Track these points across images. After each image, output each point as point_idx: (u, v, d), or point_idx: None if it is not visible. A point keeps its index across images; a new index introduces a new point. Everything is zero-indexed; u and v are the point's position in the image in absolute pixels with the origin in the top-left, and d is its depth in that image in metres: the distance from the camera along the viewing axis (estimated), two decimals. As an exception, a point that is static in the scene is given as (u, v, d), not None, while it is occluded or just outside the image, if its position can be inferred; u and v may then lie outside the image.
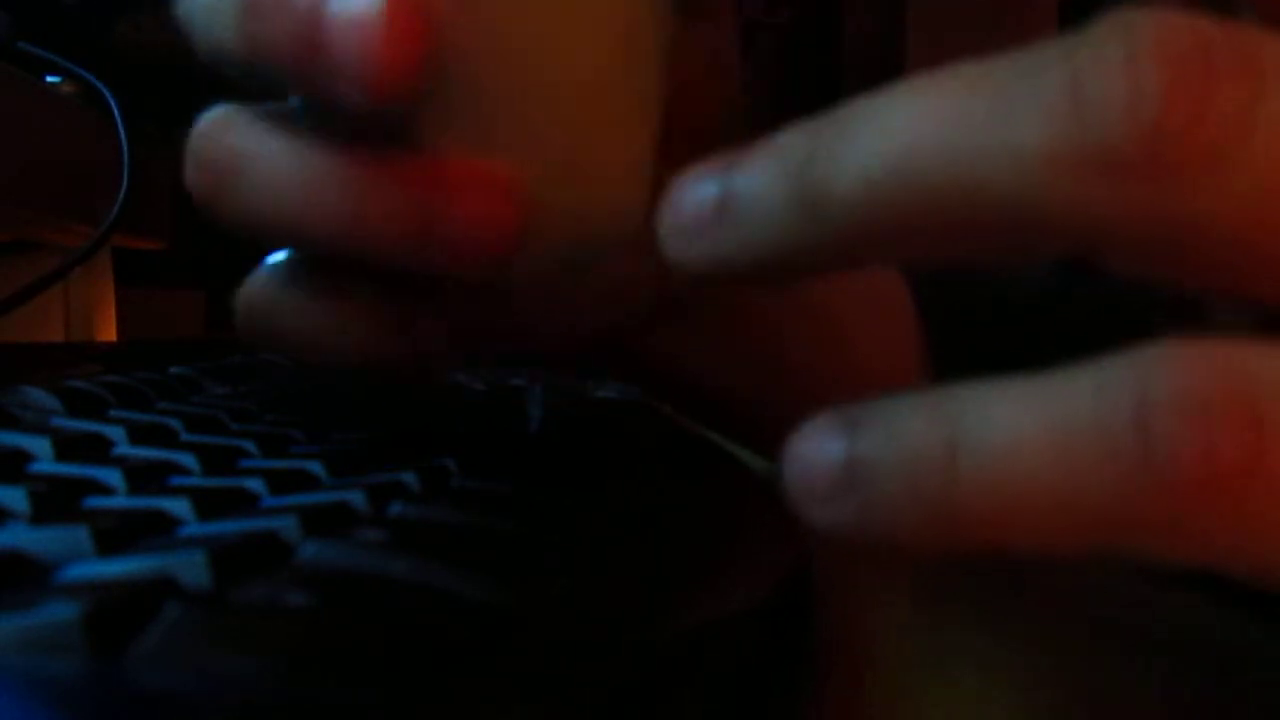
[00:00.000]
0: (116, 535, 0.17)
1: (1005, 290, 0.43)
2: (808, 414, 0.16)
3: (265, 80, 0.22)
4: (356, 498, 0.20)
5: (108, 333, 0.65)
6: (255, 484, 0.21)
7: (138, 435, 0.24)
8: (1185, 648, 0.25)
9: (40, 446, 0.22)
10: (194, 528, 0.18)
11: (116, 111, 0.57)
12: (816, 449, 0.16)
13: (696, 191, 0.17)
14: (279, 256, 0.26)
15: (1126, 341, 0.15)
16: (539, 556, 0.19)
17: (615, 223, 0.24)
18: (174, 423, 0.26)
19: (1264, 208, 0.14)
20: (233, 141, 0.23)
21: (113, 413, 0.27)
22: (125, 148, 0.56)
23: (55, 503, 0.19)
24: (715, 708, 0.19)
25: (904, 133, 0.15)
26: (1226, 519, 0.14)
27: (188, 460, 0.23)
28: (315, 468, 0.23)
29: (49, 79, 0.58)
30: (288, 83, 0.22)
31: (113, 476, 0.21)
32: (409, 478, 0.22)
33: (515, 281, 0.24)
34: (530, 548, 0.19)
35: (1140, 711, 0.23)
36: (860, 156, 0.15)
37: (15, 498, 0.18)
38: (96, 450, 0.23)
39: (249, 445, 0.25)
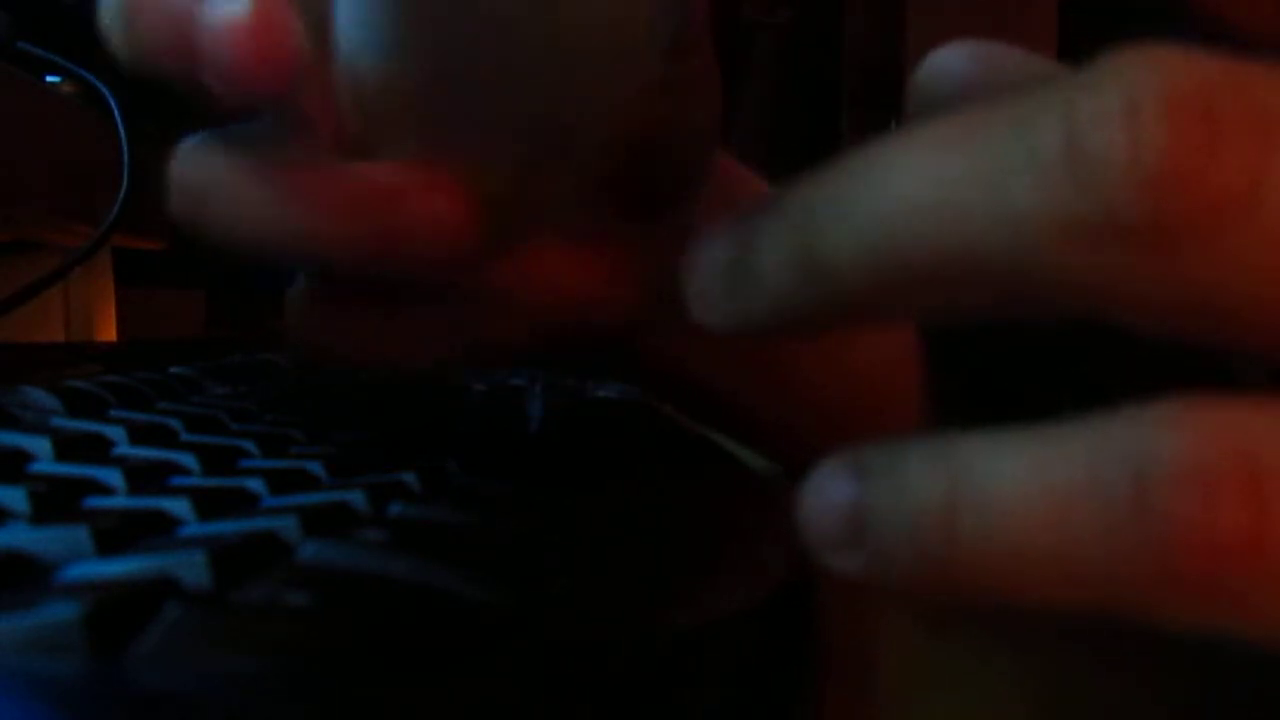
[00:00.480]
0: (116, 535, 0.17)
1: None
2: (802, 416, 0.16)
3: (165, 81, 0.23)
4: (356, 498, 0.20)
5: (108, 333, 0.65)
6: (255, 484, 0.21)
7: (138, 435, 0.24)
8: (1189, 652, 0.25)
9: (40, 446, 0.22)
10: (194, 528, 0.18)
11: (116, 111, 0.57)
12: (827, 494, 0.15)
13: (710, 255, 0.17)
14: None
15: (1123, 350, 0.14)
16: (539, 556, 0.19)
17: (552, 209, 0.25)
18: (174, 423, 0.26)
19: (1277, 268, 0.13)
20: (203, 168, 0.24)
21: (113, 413, 0.27)
22: (125, 148, 0.56)
23: (55, 503, 0.19)
24: (715, 708, 0.19)
25: (898, 196, 0.15)
26: (1225, 591, 0.13)
27: (188, 460, 0.23)
28: (315, 468, 0.23)
29: (49, 79, 0.58)
30: (175, 82, 0.23)
31: (113, 476, 0.21)
32: (409, 478, 0.22)
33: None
34: (530, 548, 0.19)
35: (1143, 715, 0.23)
36: (856, 221, 0.15)
37: (15, 498, 0.18)
38: (96, 450, 0.23)
39: (249, 445, 0.25)
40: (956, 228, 0.14)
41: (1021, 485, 0.14)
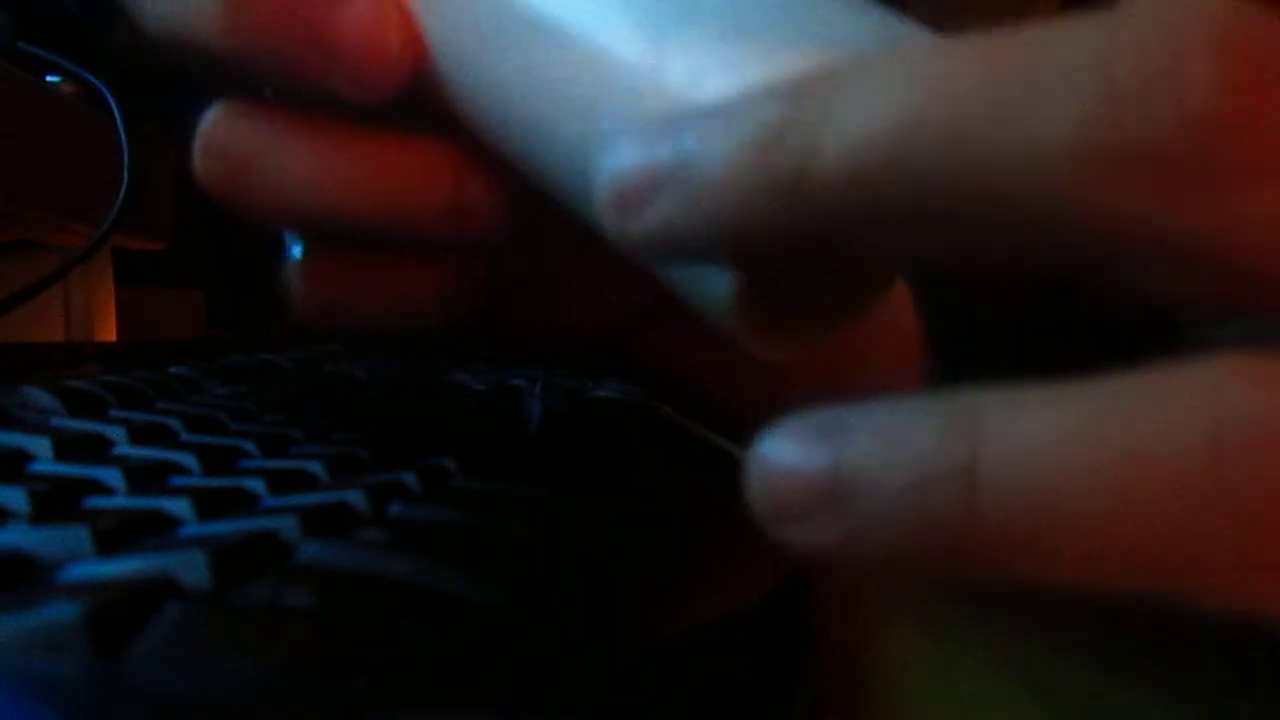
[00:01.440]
0: (116, 535, 0.17)
1: (1015, 312, 0.42)
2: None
3: (236, 72, 0.22)
4: (356, 498, 0.20)
5: (108, 333, 0.65)
6: (255, 484, 0.21)
7: (138, 435, 0.24)
8: (1189, 645, 0.25)
9: (40, 446, 0.22)
10: (194, 528, 0.18)
11: (116, 111, 0.57)
12: (793, 456, 0.14)
13: (640, 153, 0.15)
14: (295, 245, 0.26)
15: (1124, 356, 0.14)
16: (539, 556, 0.19)
17: None
18: (174, 423, 0.26)
19: None
20: (246, 133, 0.23)
21: (113, 413, 0.27)
22: (125, 148, 0.56)
23: (55, 503, 0.19)
24: (715, 708, 0.19)
25: (902, 107, 0.13)
26: None
27: (188, 460, 0.23)
28: (315, 468, 0.23)
29: (49, 79, 0.58)
30: (275, 75, 0.22)
31: (113, 476, 0.21)
32: (409, 478, 0.22)
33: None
34: (530, 548, 0.19)
35: (1144, 709, 0.23)
36: (847, 131, 0.13)
37: (15, 498, 0.18)
38: (96, 450, 0.23)
39: (249, 445, 0.25)
40: (967, 148, 0.13)
41: (1060, 446, 0.13)
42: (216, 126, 0.23)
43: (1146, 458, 0.12)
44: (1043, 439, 0.13)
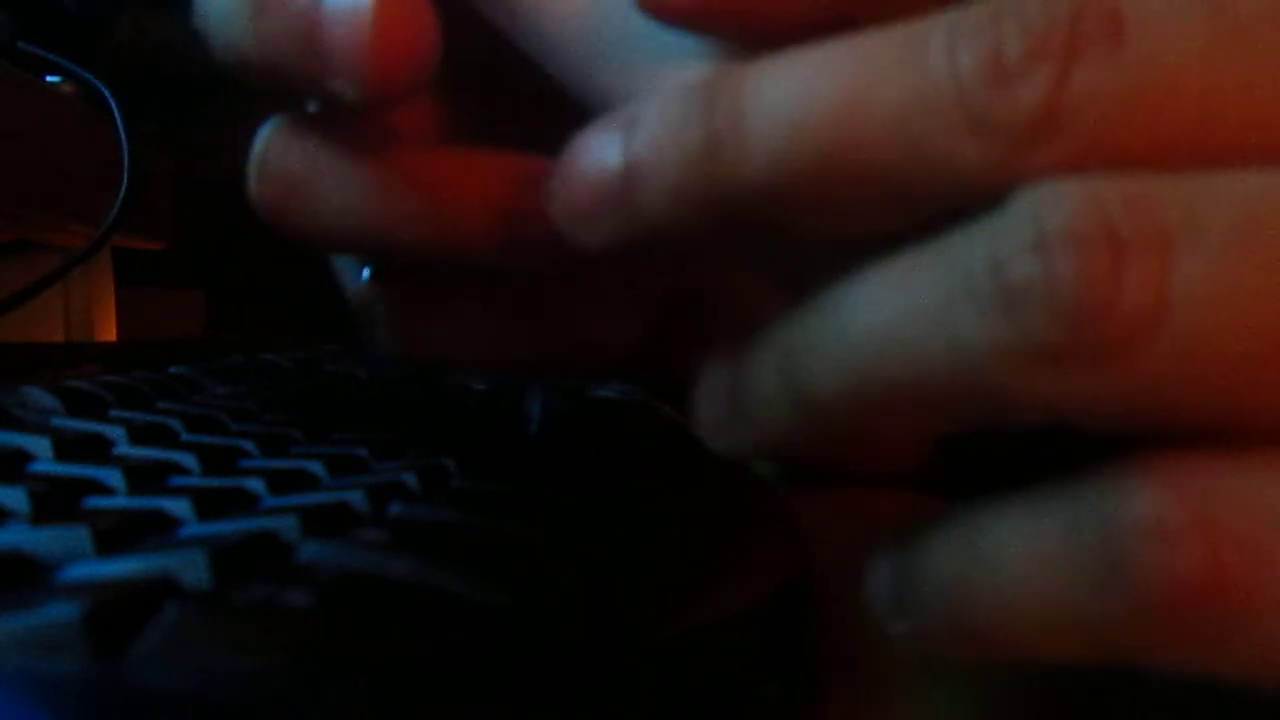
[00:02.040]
0: (116, 535, 0.17)
1: None
2: None
3: (281, 87, 0.22)
4: (356, 498, 0.20)
5: (108, 333, 0.65)
6: (255, 484, 0.21)
7: (138, 435, 0.24)
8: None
9: (40, 446, 0.22)
10: (194, 528, 0.18)
11: (116, 111, 0.57)
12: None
13: (709, 387, 0.18)
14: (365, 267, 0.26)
15: None
16: (539, 556, 0.19)
17: None
18: (174, 423, 0.26)
19: (1200, 364, 0.14)
20: (299, 155, 0.22)
21: (113, 413, 0.27)
22: (125, 148, 0.56)
23: (55, 503, 0.19)
24: (715, 708, 0.19)
25: (864, 332, 0.16)
26: (1200, 636, 0.14)
27: (188, 460, 0.23)
28: (315, 468, 0.23)
29: (49, 79, 0.58)
30: (293, 85, 0.21)
31: (113, 476, 0.21)
32: (409, 478, 0.22)
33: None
34: (530, 548, 0.19)
35: (1143, 708, 0.23)
36: (832, 357, 0.16)
37: (15, 498, 0.18)
38: (96, 450, 0.23)
39: (249, 445, 0.25)
40: (915, 358, 0.15)
41: (1017, 553, 0.15)
42: (269, 147, 0.22)
43: (1063, 561, 0.15)
44: (1005, 550, 0.15)
